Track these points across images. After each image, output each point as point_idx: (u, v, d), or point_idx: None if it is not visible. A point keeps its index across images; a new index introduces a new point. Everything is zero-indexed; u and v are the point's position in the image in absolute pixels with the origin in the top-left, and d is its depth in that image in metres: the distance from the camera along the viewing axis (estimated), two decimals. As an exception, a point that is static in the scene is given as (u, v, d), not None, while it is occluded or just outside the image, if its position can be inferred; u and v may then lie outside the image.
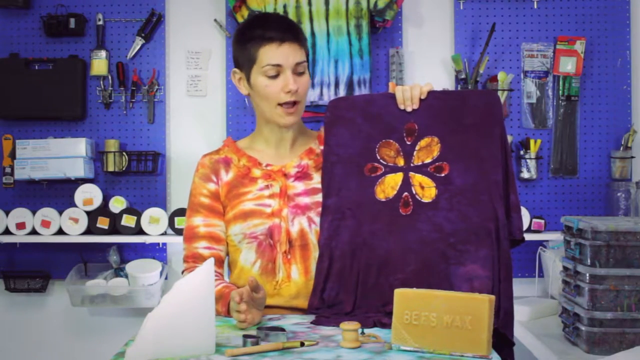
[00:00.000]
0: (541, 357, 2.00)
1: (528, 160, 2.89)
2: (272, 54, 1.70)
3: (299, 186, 1.75)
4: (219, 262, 1.77)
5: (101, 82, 2.96)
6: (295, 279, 1.71)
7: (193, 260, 1.76)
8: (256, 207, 1.73)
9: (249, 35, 1.74)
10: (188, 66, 3.01)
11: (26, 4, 2.94)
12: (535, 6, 2.97)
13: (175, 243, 2.96)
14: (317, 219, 1.70)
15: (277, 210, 1.72)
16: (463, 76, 2.88)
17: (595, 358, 1.74)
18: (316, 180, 1.73)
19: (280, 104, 1.72)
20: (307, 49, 1.78)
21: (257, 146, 1.83)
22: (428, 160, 1.60)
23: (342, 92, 2.79)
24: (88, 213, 2.85)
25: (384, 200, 1.61)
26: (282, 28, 1.72)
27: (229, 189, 1.77)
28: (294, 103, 1.73)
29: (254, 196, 1.75)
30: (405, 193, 1.60)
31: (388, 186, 1.61)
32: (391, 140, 1.64)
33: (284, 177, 1.75)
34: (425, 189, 1.59)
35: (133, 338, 1.32)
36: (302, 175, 1.76)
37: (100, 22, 2.95)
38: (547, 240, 2.78)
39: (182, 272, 1.77)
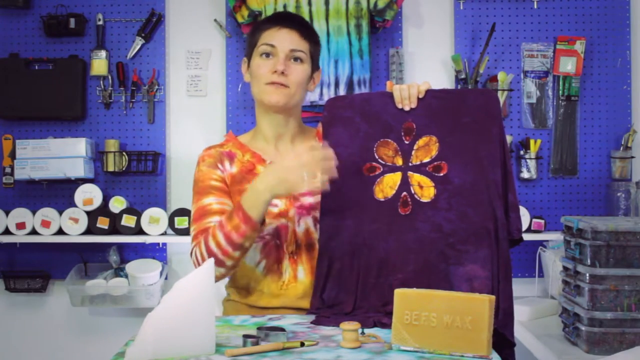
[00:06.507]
0: (541, 357, 2.00)
1: (528, 160, 2.89)
2: (270, 35, 1.76)
3: None
4: None
5: (101, 82, 2.97)
6: (302, 279, 1.71)
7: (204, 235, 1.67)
8: None
9: (259, 25, 1.82)
10: (188, 66, 3.01)
11: (26, 4, 2.94)
12: (535, 6, 2.97)
13: (175, 243, 2.96)
14: None
15: (284, 210, 1.71)
16: (463, 76, 2.88)
17: (595, 358, 1.74)
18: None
19: (267, 83, 1.74)
20: (312, 47, 1.80)
21: (258, 144, 1.83)
22: (426, 160, 1.60)
23: (342, 92, 2.78)
24: (88, 213, 2.85)
25: (382, 200, 1.61)
26: (290, 18, 1.80)
27: (233, 182, 1.76)
28: (282, 85, 1.74)
29: None
30: (404, 193, 1.59)
31: (387, 186, 1.61)
32: (389, 140, 1.63)
33: None
34: (424, 189, 1.58)
35: (133, 338, 1.32)
36: None
37: (100, 22, 2.95)
38: (547, 240, 2.78)
39: (191, 252, 1.68)
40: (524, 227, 2.77)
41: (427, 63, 2.99)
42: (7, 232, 2.86)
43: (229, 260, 1.62)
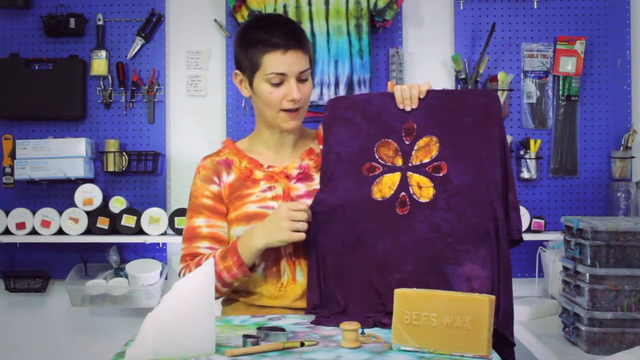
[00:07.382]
0: (541, 357, 2.00)
1: (528, 160, 2.89)
2: (277, 62, 1.68)
3: (301, 188, 1.74)
4: None
5: (101, 82, 2.97)
6: (300, 280, 1.71)
7: (192, 258, 1.74)
8: (259, 209, 1.72)
9: (252, 39, 1.71)
10: (188, 66, 3.01)
11: (26, 4, 2.94)
12: (535, 6, 2.98)
13: (175, 243, 2.96)
14: None
15: None
16: (463, 76, 2.88)
17: (595, 358, 1.74)
18: (317, 181, 1.73)
19: (282, 110, 1.72)
20: (311, 55, 1.76)
21: (257, 148, 1.82)
22: (426, 160, 1.60)
23: (342, 92, 2.79)
24: (88, 213, 2.85)
25: (380, 199, 1.60)
26: (287, 34, 1.69)
27: (231, 191, 1.76)
28: (297, 109, 1.73)
29: (256, 198, 1.74)
30: (403, 193, 1.59)
31: (385, 186, 1.61)
32: (390, 140, 1.63)
33: (286, 179, 1.74)
34: (423, 189, 1.58)
35: (133, 338, 1.32)
36: (304, 176, 1.75)
37: (100, 22, 2.95)
38: (547, 240, 2.78)
39: (180, 272, 1.75)
40: (524, 227, 2.77)
41: (427, 63, 2.99)
42: (7, 232, 2.86)
43: (215, 293, 1.67)
